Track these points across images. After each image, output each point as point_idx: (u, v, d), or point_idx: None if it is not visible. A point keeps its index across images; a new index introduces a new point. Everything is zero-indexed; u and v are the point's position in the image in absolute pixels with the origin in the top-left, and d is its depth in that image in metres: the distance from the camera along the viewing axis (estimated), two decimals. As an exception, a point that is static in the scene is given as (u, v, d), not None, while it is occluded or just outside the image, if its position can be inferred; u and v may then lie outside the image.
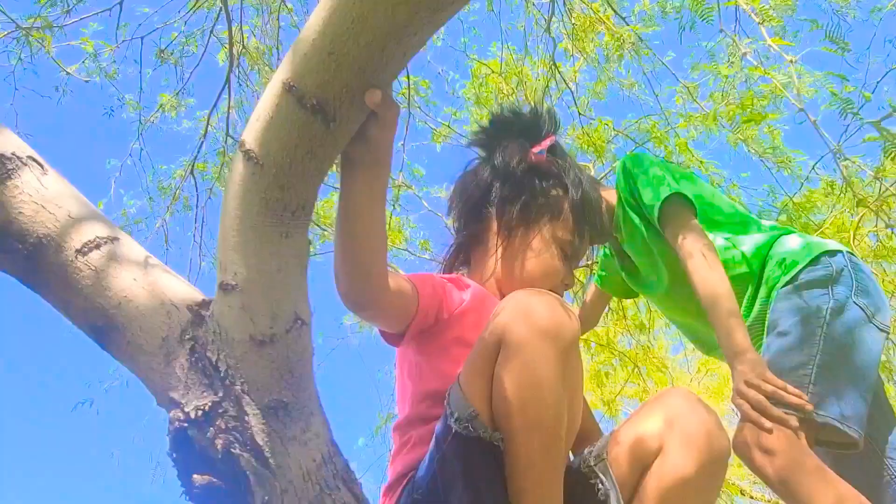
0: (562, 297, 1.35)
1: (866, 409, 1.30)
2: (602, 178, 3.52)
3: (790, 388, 1.24)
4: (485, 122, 1.43)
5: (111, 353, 0.84)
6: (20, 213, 0.85)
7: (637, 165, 1.56)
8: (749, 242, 1.53)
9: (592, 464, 1.04)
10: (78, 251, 0.85)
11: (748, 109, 3.11)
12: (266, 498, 0.73)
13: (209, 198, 3.21)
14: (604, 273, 1.89)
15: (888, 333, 1.44)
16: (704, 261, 1.39)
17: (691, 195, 1.48)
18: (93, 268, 0.84)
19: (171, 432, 0.75)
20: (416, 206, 4.13)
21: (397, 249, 4.10)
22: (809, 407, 1.23)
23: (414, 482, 1.03)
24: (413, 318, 1.11)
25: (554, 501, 0.94)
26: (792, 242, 1.50)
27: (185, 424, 0.73)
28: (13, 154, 0.88)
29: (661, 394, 1.11)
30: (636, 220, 1.57)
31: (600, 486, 1.01)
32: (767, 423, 1.21)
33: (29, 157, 0.90)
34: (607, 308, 3.15)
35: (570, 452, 1.11)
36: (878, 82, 2.78)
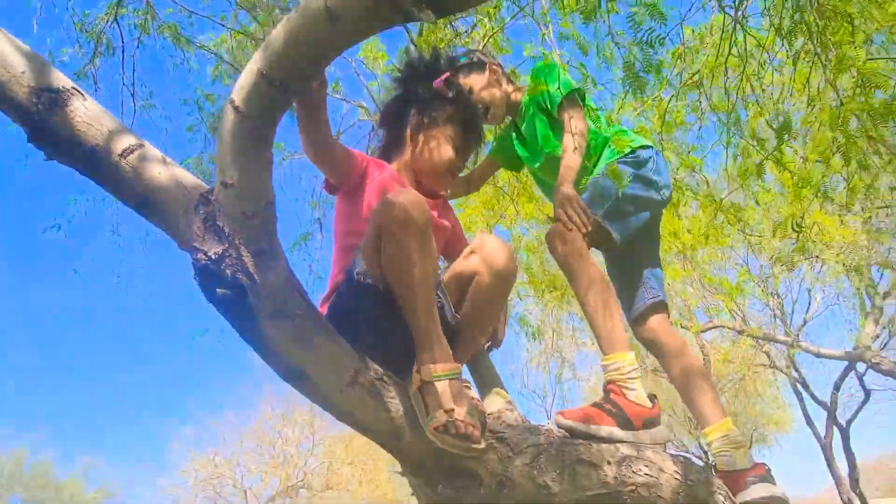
0: (454, 179, 2.02)
1: (625, 234, 2.07)
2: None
3: (588, 209, 1.97)
4: (400, 65, 2.02)
5: (150, 220, 1.36)
6: (78, 129, 1.31)
7: (547, 68, 2.21)
8: (599, 137, 2.25)
9: (435, 287, 1.69)
10: (120, 155, 1.33)
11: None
12: (256, 301, 1.32)
13: (137, 47, 3.40)
14: (498, 148, 2.57)
15: (665, 202, 2.20)
16: (576, 142, 2.06)
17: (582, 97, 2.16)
18: (132, 166, 1.33)
19: (198, 267, 1.30)
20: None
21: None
22: (597, 220, 1.98)
23: (338, 294, 1.66)
24: (348, 177, 1.76)
25: (431, 318, 1.47)
26: (620, 140, 2.20)
27: (208, 262, 1.28)
28: (64, 87, 1.32)
29: (479, 236, 1.76)
30: (537, 109, 2.26)
31: (439, 298, 1.66)
32: (569, 224, 1.93)
33: (73, 87, 1.33)
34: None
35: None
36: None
